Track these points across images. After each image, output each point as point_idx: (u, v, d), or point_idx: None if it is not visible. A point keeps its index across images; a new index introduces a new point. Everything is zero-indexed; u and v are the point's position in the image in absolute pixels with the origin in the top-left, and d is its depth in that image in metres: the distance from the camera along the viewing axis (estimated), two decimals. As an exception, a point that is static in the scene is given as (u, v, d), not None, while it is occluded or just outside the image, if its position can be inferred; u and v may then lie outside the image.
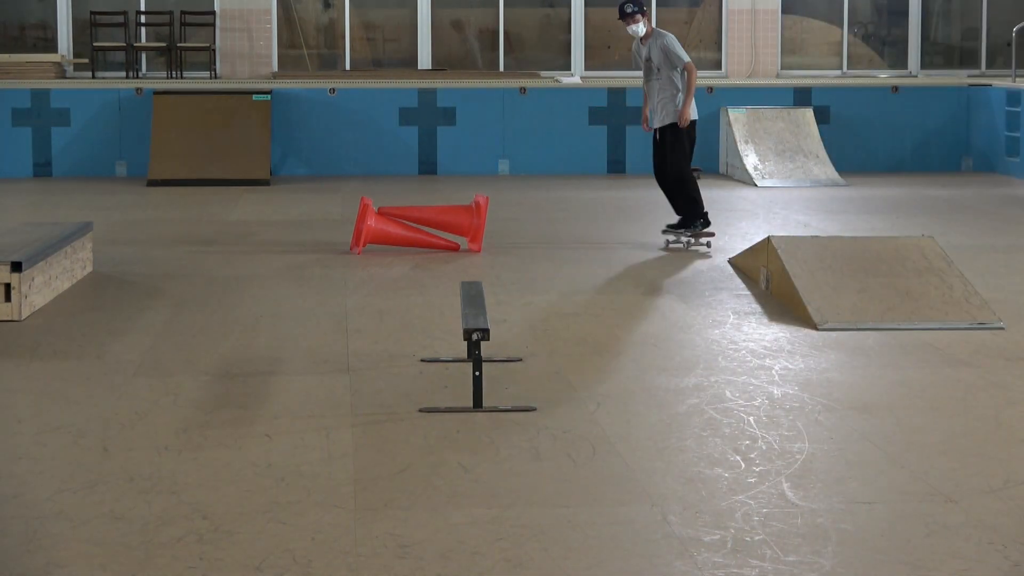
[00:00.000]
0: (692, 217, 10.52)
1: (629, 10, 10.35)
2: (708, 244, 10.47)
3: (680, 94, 10.35)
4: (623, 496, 4.96)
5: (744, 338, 7.47)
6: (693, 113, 10.36)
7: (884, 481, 5.12)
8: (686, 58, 10.37)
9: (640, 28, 10.42)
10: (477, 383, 6.01)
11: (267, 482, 5.08)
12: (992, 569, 4.28)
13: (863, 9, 19.23)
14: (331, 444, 5.55)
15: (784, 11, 18.56)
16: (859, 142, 16.32)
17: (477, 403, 6.01)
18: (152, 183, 14.92)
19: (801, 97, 16.36)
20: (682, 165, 10.46)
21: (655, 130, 10.54)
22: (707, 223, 10.54)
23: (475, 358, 6.01)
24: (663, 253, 10.29)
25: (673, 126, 10.39)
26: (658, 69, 10.39)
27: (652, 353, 7.19)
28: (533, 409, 6.01)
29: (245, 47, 17.85)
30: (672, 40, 10.43)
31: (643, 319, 8.05)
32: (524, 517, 4.70)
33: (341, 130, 15.94)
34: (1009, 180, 15.34)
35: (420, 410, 6.02)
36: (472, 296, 6.57)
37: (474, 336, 5.95)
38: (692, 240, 10.52)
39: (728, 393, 6.34)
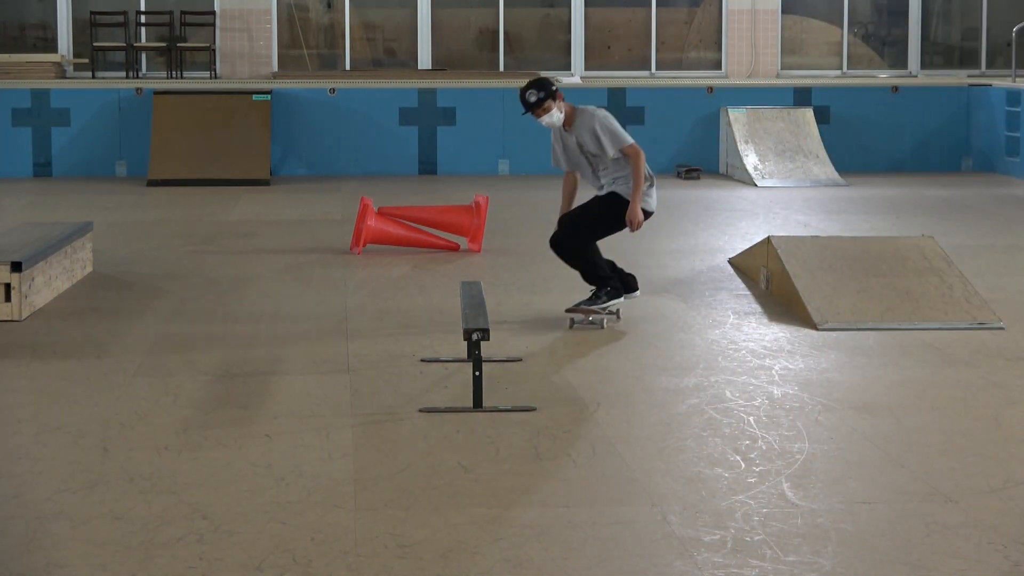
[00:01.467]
0: (600, 284, 7.82)
1: (534, 99, 7.55)
2: (617, 314, 7.90)
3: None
4: (623, 496, 4.96)
5: (744, 338, 7.46)
6: (651, 204, 7.77)
7: (884, 481, 5.12)
8: (628, 139, 7.65)
9: (555, 116, 7.61)
10: (477, 383, 6.00)
11: (267, 482, 5.08)
12: (992, 569, 4.28)
13: (863, 9, 19.24)
14: (331, 444, 5.55)
15: (784, 11, 18.57)
16: (859, 142, 16.32)
17: (477, 403, 6.01)
18: (152, 183, 14.91)
19: (801, 97, 16.36)
20: (571, 238, 7.77)
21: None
22: (616, 291, 7.81)
23: (475, 358, 6.01)
24: (662, 253, 10.28)
25: (616, 199, 7.70)
26: (595, 156, 7.73)
27: (652, 353, 7.19)
28: (533, 409, 6.01)
29: (245, 47, 17.85)
30: (603, 119, 7.66)
31: (643, 319, 8.04)
32: (524, 517, 4.70)
33: (341, 130, 15.93)
34: (1009, 180, 15.34)
35: (420, 410, 6.02)
36: (472, 296, 6.57)
37: (474, 336, 5.95)
38: (595, 317, 7.82)
39: (728, 393, 6.33)
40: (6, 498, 4.90)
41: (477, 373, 6.01)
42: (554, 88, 7.65)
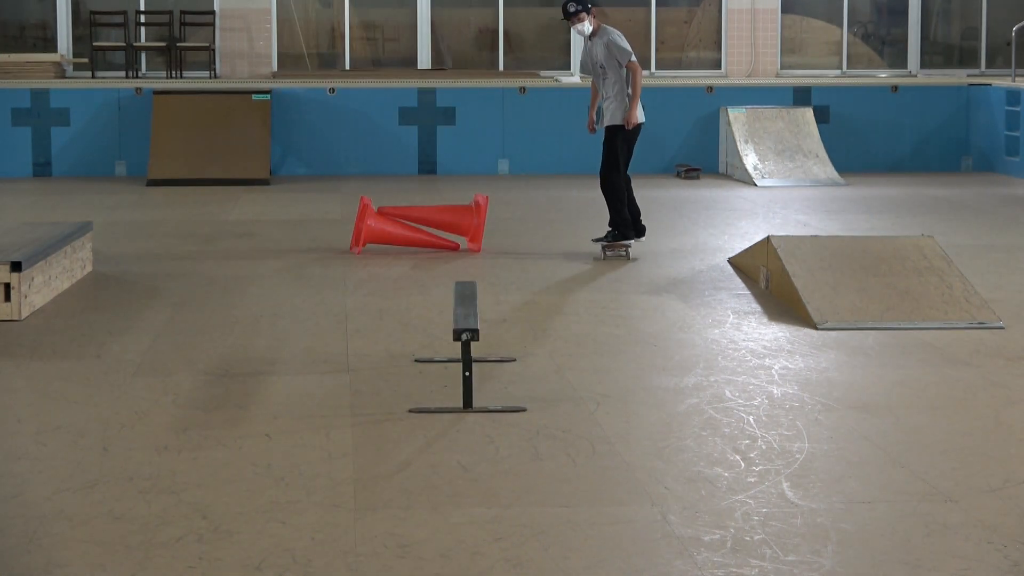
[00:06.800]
0: (613, 226, 10.01)
1: (572, 9, 9.87)
2: (626, 253, 10.00)
3: (627, 94, 9.81)
4: (623, 496, 4.96)
5: (744, 338, 7.47)
6: (640, 116, 9.89)
7: (884, 481, 5.12)
8: (630, 55, 9.80)
9: (586, 27, 9.89)
10: (467, 383, 6.00)
11: (267, 482, 5.08)
12: (992, 569, 4.28)
13: (863, 9, 19.23)
14: (331, 444, 5.55)
15: (784, 11, 18.56)
16: (859, 142, 16.32)
17: (467, 403, 6.00)
18: (152, 183, 14.91)
19: (801, 97, 16.36)
20: (610, 171, 9.94)
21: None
22: (625, 235, 9.98)
23: (465, 358, 5.99)
24: (663, 253, 10.28)
25: (614, 128, 9.88)
26: (603, 67, 9.87)
27: (652, 353, 7.19)
28: (523, 410, 5.99)
29: (245, 47, 17.85)
30: (616, 36, 9.88)
31: (643, 319, 8.05)
32: (524, 517, 4.70)
33: (341, 130, 15.93)
34: (1009, 180, 15.34)
35: (410, 410, 6.01)
36: (465, 296, 6.55)
37: (463, 337, 5.94)
38: (605, 252, 10.02)
39: (728, 393, 6.34)
40: (6, 498, 4.90)
41: (467, 373, 6.00)
42: (589, 4, 9.87)
